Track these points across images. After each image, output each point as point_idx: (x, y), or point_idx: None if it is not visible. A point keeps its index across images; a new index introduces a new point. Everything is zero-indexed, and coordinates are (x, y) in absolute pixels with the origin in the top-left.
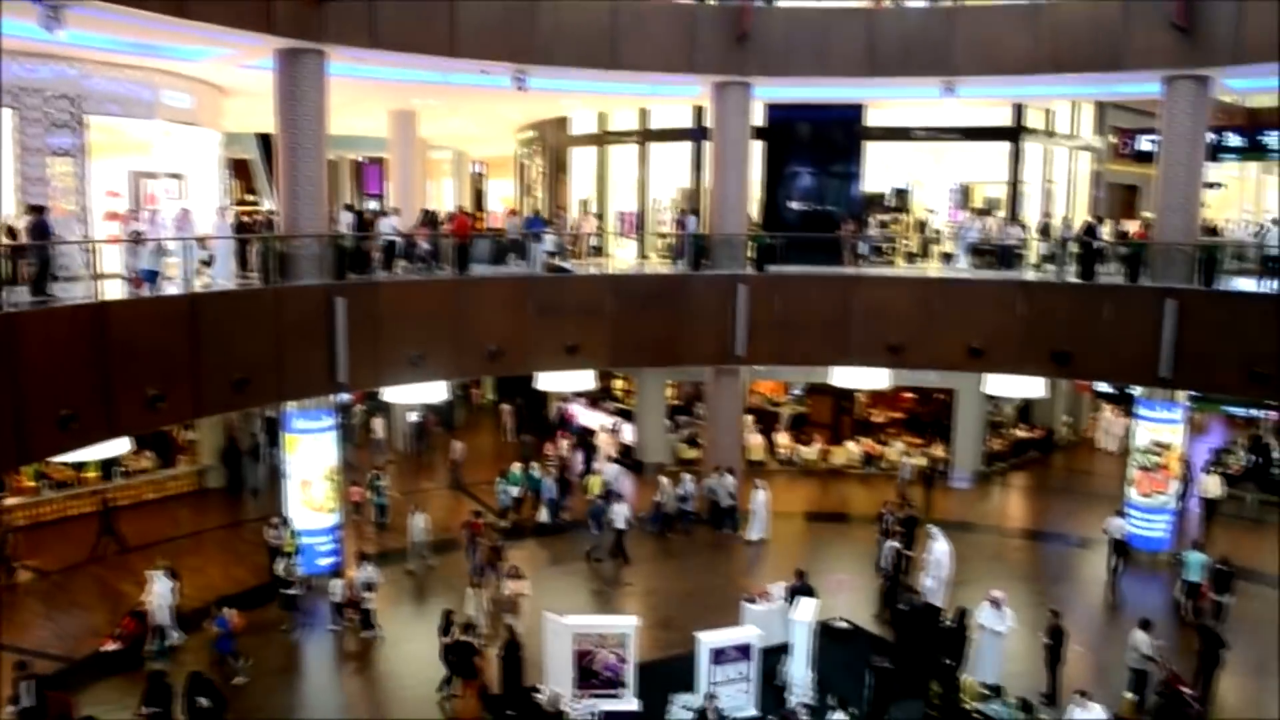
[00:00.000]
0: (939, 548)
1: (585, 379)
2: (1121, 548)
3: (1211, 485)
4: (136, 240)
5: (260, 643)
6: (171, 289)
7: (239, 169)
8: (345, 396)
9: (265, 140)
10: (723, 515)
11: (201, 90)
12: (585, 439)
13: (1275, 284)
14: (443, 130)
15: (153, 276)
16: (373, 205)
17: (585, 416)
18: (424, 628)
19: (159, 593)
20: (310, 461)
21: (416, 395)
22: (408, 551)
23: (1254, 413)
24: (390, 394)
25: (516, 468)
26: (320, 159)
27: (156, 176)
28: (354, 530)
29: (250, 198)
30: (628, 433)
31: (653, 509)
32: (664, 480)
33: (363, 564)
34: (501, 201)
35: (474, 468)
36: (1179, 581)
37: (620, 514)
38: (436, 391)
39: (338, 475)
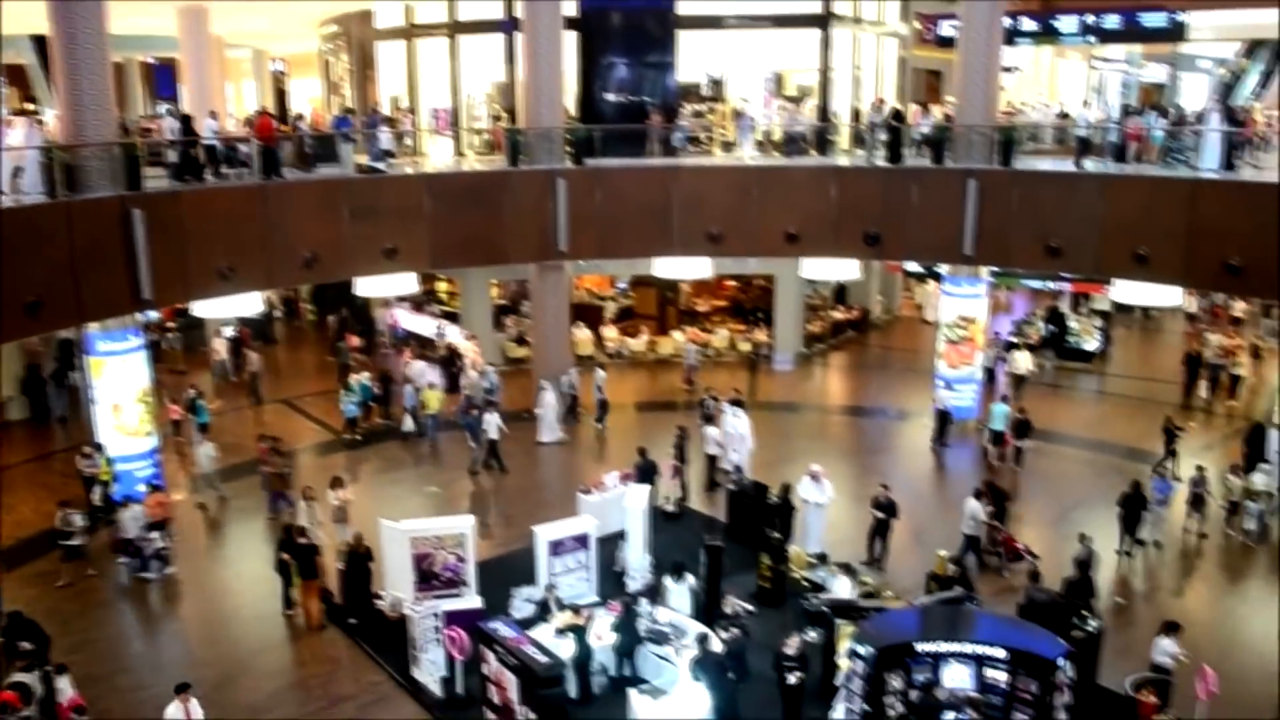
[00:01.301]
0: (739, 424)
1: (407, 282)
2: (945, 418)
3: (1020, 361)
4: None
5: (74, 579)
6: None
7: (13, 75)
8: (154, 314)
9: (41, 42)
10: (573, 409)
11: None
12: (449, 349)
13: (1075, 163)
14: (239, 27)
15: None
16: (167, 109)
17: (410, 321)
18: (233, 554)
19: None
20: (119, 384)
21: (229, 309)
22: (196, 483)
23: (1050, 285)
24: (201, 309)
25: (356, 378)
26: (104, 61)
27: None
28: (174, 451)
29: (30, 106)
30: (453, 335)
31: (463, 403)
32: (472, 374)
33: (130, 504)
34: (308, 101)
35: (298, 382)
36: (986, 431)
37: (493, 423)
38: (250, 304)
39: (151, 397)
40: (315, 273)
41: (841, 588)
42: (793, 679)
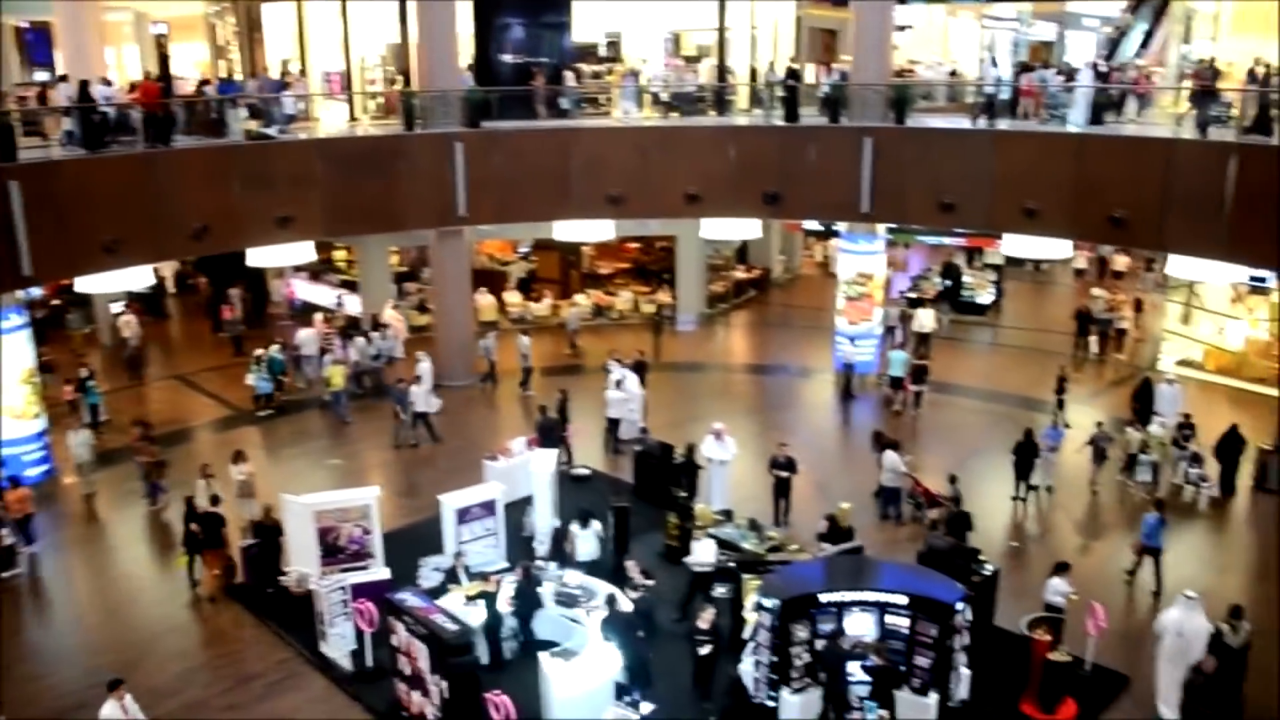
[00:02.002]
0: (629, 384)
1: (303, 251)
2: (848, 372)
3: (925, 319)
4: None
5: None
6: None
7: None
8: (36, 291)
9: None
10: (491, 374)
11: None
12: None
13: (978, 121)
14: None
15: None
16: (43, 76)
17: (307, 291)
18: (125, 540)
19: None
20: (2, 365)
21: (117, 284)
22: (83, 469)
23: (945, 240)
24: (87, 284)
25: (262, 353)
26: None
27: None
28: (65, 433)
29: None
30: (353, 304)
31: (351, 370)
32: (359, 340)
33: None
34: (194, 66)
35: (193, 357)
36: (885, 377)
37: (420, 395)
38: (139, 278)
39: (37, 377)
40: (206, 244)
41: (705, 551)
42: (704, 650)
